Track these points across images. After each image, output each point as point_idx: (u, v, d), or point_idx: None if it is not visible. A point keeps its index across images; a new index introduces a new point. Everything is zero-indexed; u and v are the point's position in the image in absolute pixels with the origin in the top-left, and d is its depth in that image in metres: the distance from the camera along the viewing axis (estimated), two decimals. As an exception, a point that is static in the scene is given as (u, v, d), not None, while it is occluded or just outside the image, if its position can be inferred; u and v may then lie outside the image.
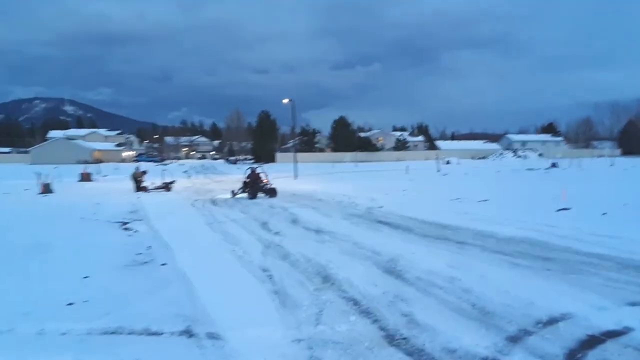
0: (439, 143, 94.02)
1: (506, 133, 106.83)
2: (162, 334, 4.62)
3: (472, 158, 73.14)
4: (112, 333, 4.63)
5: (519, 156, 74.45)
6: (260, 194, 18.98)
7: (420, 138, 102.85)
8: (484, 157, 76.77)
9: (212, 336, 4.55)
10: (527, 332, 4.56)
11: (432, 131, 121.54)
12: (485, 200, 15.59)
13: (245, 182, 19.28)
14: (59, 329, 4.66)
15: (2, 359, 3.90)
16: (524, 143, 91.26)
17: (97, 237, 10.26)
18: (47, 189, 22.36)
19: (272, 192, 19.04)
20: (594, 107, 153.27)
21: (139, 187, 23.07)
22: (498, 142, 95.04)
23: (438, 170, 37.15)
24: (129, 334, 4.63)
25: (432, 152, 69.32)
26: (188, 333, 4.63)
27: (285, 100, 35.75)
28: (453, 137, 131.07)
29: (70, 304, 5.50)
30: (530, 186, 22.21)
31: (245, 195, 18.92)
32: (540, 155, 76.00)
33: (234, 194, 19.27)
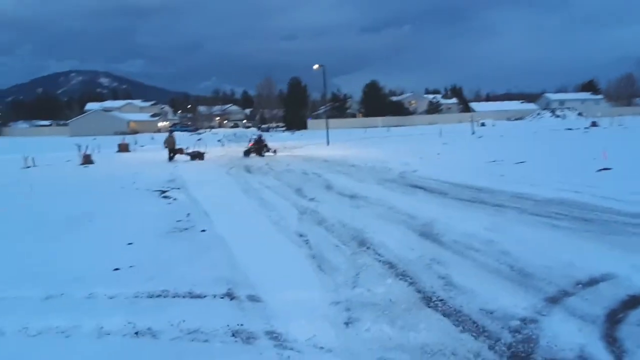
0: (474, 105, 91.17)
1: (544, 92, 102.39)
2: (205, 296, 4.80)
3: (508, 119, 70.78)
4: (158, 296, 4.85)
5: (557, 116, 71.43)
6: (268, 154, 25.34)
7: (454, 100, 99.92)
8: (520, 118, 74.14)
9: (253, 299, 4.70)
10: (566, 293, 4.48)
11: (466, 93, 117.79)
12: (523, 162, 15.18)
13: (252, 145, 25.86)
14: (108, 293, 4.92)
15: (57, 321, 4.16)
16: (562, 102, 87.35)
17: (138, 206, 10.64)
18: (87, 160, 23.21)
19: (273, 152, 25.64)
20: (636, 62, 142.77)
21: (174, 151, 23.43)
22: (535, 102, 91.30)
23: (472, 133, 36.24)
24: (174, 297, 4.84)
25: (466, 115, 67.32)
26: (229, 296, 4.80)
27: (316, 66, 35.25)
28: (488, 99, 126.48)
29: (116, 269, 5.78)
30: (570, 147, 21.40)
31: (254, 154, 25.24)
32: (579, 114, 72.65)
33: (246, 153, 25.42)
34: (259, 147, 25.58)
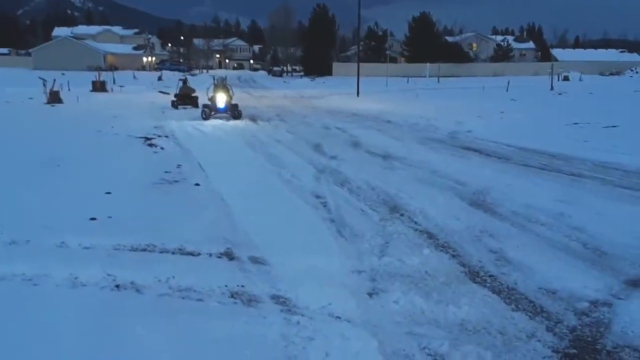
0: (556, 52, 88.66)
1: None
2: (199, 254, 5.07)
3: (601, 74, 68.85)
4: (143, 250, 5.15)
5: (670, 72, 69.16)
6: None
7: (530, 45, 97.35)
8: (617, 73, 72.04)
9: (256, 260, 4.94)
10: (653, 278, 4.59)
11: (547, 35, 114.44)
12: (614, 127, 15.03)
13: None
14: (82, 243, 5.23)
15: (22, 267, 4.48)
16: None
17: (117, 153, 11.02)
18: (55, 98, 23.69)
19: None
20: None
21: (186, 99, 23.27)
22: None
23: (552, 89, 35.53)
24: (161, 252, 5.12)
25: (545, 65, 65.69)
26: (228, 256, 5.06)
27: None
28: (577, 45, 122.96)
29: (92, 218, 6.10)
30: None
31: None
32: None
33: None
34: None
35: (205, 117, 17.97)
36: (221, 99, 18.17)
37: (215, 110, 18.23)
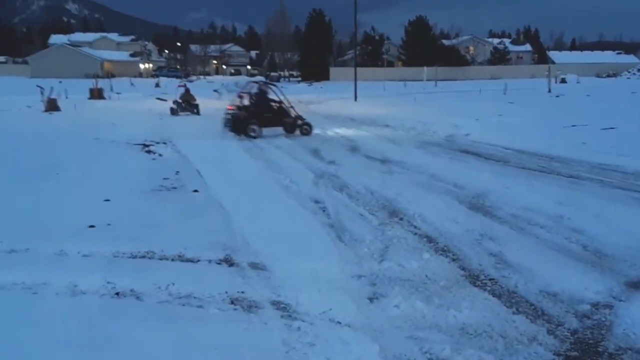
0: (553, 54, 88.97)
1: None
2: (198, 261, 5.07)
3: (598, 76, 69.06)
4: (142, 257, 5.15)
5: (667, 74, 69.38)
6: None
7: (527, 47, 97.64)
8: (614, 75, 72.26)
9: (256, 266, 4.94)
10: (653, 280, 4.60)
11: (544, 38, 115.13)
12: (612, 128, 15.06)
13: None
14: (81, 251, 5.24)
15: (22, 276, 4.48)
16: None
17: (116, 160, 11.02)
18: (53, 106, 23.71)
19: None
20: None
21: (188, 105, 23.29)
22: (637, 54, 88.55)
23: (549, 91, 35.62)
24: (161, 259, 5.12)
25: (543, 67, 65.85)
26: (228, 262, 5.06)
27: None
28: (573, 47, 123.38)
29: (91, 226, 6.10)
30: (679, 112, 20.94)
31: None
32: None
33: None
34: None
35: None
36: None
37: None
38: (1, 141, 13.92)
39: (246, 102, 16.00)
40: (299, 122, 15.97)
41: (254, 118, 15.40)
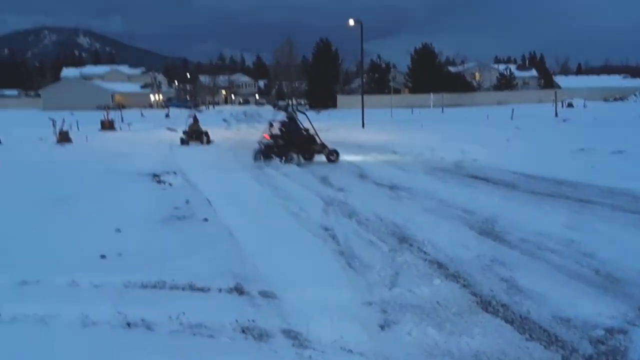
0: (559, 79, 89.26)
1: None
2: (209, 290, 5.07)
3: (605, 100, 69.10)
4: (153, 287, 5.16)
5: (674, 96, 69.31)
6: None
7: (533, 73, 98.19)
8: (621, 98, 72.27)
9: (267, 295, 4.93)
10: (668, 304, 4.54)
11: (550, 63, 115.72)
12: (621, 152, 15.01)
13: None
14: (92, 281, 5.25)
15: (34, 308, 4.49)
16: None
17: (126, 190, 11.07)
18: (65, 138, 24.03)
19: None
20: None
21: (196, 135, 23.61)
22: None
23: (556, 115, 35.68)
24: (171, 288, 5.13)
25: (549, 92, 66.00)
26: (238, 290, 5.05)
27: (351, 22, 35.29)
28: (579, 72, 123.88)
29: (102, 256, 6.12)
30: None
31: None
32: None
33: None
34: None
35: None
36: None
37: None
38: (14, 173, 14.11)
39: (276, 130, 16.26)
40: (326, 150, 16.16)
41: (291, 146, 15.70)
